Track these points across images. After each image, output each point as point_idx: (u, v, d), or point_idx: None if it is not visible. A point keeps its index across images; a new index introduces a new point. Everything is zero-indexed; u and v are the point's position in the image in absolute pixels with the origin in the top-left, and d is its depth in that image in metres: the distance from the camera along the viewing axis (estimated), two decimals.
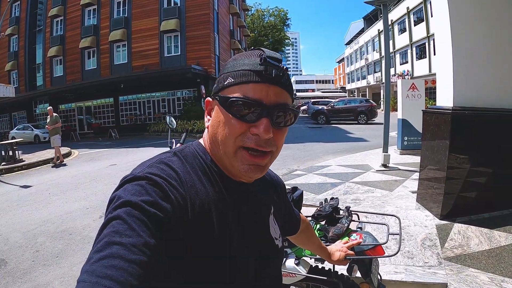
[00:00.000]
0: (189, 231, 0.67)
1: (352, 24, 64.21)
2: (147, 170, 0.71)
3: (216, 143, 0.80)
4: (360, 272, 1.78)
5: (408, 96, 8.90)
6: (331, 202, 2.01)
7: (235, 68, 0.77)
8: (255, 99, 0.73)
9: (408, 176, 6.50)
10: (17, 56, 34.46)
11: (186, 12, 25.67)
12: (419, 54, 32.45)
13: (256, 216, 0.88)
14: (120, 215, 0.60)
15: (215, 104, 0.81)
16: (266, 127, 0.73)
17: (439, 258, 3.26)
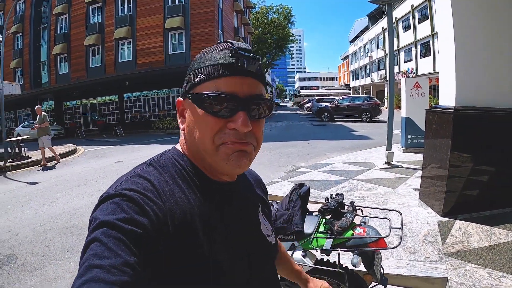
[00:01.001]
0: (171, 242, 0.65)
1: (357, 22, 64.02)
2: (121, 186, 0.69)
3: (194, 144, 0.78)
4: (364, 264, 1.88)
5: (412, 94, 8.94)
6: (336, 197, 2.11)
7: (205, 64, 0.75)
8: (229, 93, 0.71)
9: (411, 174, 6.56)
10: (21, 54, 34.58)
11: (190, 9, 25.69)
12: (424, 52, 32.31)
13: (242, 215, 0.86)
14: (97, 237, 0.59)
15: (187, 104, 0.78)
16: (244, 121, 0.72)
17: (440, 253, 3.34)
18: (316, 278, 1.27)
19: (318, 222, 2.06)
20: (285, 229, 2.04)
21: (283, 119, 31.00)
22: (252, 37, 48.04)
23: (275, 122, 26.63)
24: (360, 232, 1.88)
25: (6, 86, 14.12)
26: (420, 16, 32.45)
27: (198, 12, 25.45)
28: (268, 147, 12.58)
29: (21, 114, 34.52)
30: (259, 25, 51.15)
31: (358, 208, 2.06)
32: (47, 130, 11.95)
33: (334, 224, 1.94)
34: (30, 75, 33.82)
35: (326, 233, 1.96)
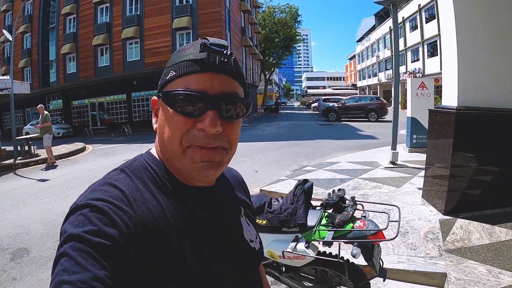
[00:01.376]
0: (143, 251, 0.63)
1: (364, 21, 63.84)
2: (90, 195, 0.66)
3: (164, 145, 0.74)
4: (363, 256, 1.99)
5: (417, 94, 8.98)
6: (338, 192, 2.23)
7: (177, 60, 0.72)
8: (199, 90, 0.67)
9: (415, 173, 6.62)
10: (30, 53, 35.04)
11: (198, 9, 25.91)
12: (431, 51, 32.12)
13: (220, 220, 0.82)
14: (65, 251, 0.57)
15: (159, 103, 0.75)
16: (212, 121, 0.67)
17: (440, 250, 3.43)
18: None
19: (320, 216, 2.18)
20: (289, 221, 2.16)
21: (289, 118, 31.09)
22: (259, 36, 48.15)
23: (282, 122, 26.77)
24: (360, 225, 1.99)
25: (16, 85, 14.34)
26: (427, 15, 32.25)
27: (206, 12, 25.69)
28: (275, 146, 12.71)
29: (30, 112, 34.88)
30: (266, 24, 51.19)
31: (358, 203, 2.17)
32: (48, 129, 11.87)
33: (335, 217, 2.06)
34: (38, 74, 34.25)
35: (328, 226, 2.08)
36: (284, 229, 2.19)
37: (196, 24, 25.93)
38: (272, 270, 2.53)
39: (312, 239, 2.09)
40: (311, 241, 2.12)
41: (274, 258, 2.28)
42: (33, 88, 29.19)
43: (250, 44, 36.86)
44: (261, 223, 2.27)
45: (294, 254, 2.09)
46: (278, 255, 2.20)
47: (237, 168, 4.51)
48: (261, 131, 19.98)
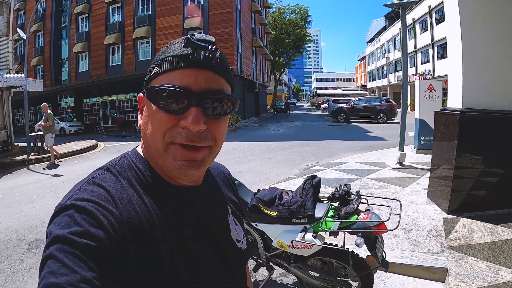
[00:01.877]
0: (130, 251, 0.62)
1: (374, 22, 63.52)
2: (75, 195, 0.65)
3: (148, 142, 0.73)
4: (367, 245, 2.15)
5: (425, 96, 9.06)
6: (344, 187, 2.39)
7: (162, 56, 0.70)
8: (182, 86, 0.66)
9: (422, 174, 6.73)
10: (42, 51, 35.55)
11: (209, 10, 26.09)
12: (441, 53, 31.77)
13: (205, 219, 0.81)
14: (52, 253, 0.57)
15: (144, 99, 0.74)
16: (195, 118, 0.66)
17: (442, 246, 3.56)
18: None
19: (327, 208, 2.34)
20: (299, 213, 2.32)
21: (299, 119, 31.19)
22: (269, 37, 48.16)
23: (292, 122, 26.89)
24: (364, 217, 2.15)
25: (30, 83, 14.60)
26: (438, 17, 31.89)
27: (217, 12, 25.84)
28: (284, 146, 12.86)
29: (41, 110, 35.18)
30: (276, 25, 51.17)
31: (363, 197, 2.33)
32: (50, 128, 11.80)
33: (341, 210, 2.22)
34: (50, 73, 34.71)
35: (334, 217, 2.24)
36: (293, 220, 2.36)
37: (207, 24, 26.12)
38: (281, 261, 2.69)
39: (319, 229, 2.25)
40: (319, 231, 2.28)
41: (284, 248, 2.44)
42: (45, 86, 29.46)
43: (261, 44, 36.94)
44: (272, 215, 2.44)
45: (303, 243, 2.25)
46: (287, 245, 2.36)
47: (247, 166, 4.81)
48: (270, 131, 20.14)
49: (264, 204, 2.52)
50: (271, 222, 2.49)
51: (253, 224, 2.67)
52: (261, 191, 2.70)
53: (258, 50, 38.27)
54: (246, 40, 31.49)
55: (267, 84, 48.81)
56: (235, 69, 26.35)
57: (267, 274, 2.87)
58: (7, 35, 14.98)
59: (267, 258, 2.76)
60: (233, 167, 9.04)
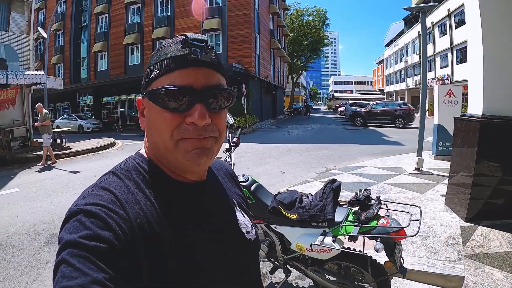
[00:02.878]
0: (140, 251, 0.64)
1: (392, 25, 62.91)
2: (83, 201, 0.67)
3: (155, 143, 0.75)
4: (386, 251, 2.16)
5: (444, 101, 8.94)
6: (364, 192, 2.41)
7: (159, 59, 0.73)
8: (184, 85, 0.69)
9: (440, 180, 6.65)
10: (62, 50, 36.43)
11: (227, 11, 26.27)
12: (460, 58, 31.19)
13: (214, 213, 0.82)
14: (63, 258, 0.58)
15: (146, 102, 0.76)
16: (201, 114, 0.70)
17: (459, 255, 3.53)
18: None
19: (347, 213, 2.36)
20: (319, 216, 2.35)
21: (316, 122, 31.10)
22: (287, 39, 48.13)
23: (309, 125, 26.84)
24: (384, 223, 2.16)
25: (50, 80, 14.92)
26: (457, 20, 31.27)
27: (235, 14, 26.01)
28: (301, 149, 12.87)
29: (60, 107, 36.04)
30: (294, 27, 51.02)
31: (383, 203, 2.35)
32: (48, 128, 11.50)
33: (361, 214, 2.24)
34: (70, 71, 35.52)
35: (354, 222, 2.26)
36: (313, 224, 2.38)
37: (226, 26, 26.30)
38: (298, 264, 2.72)
39: (339, 233, 2.27)
40: (338, 235, 2.30)
41: (302, 251, 2.47)
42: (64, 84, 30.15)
43: (279, 46, 36.95)
44: (292, 217, 2.47)
45: (322, 247, 2.28)
46: (306, 248, 2.39)
47: (264, 168, 4.88)
48: (287, 133, 20.13)
49: (284, 206, 2.55)
50: (291, 225, 2.52)
51: (272, 226, 2.71)
52: (281, 194, 2.73)
53: (276, 52, 38.28)
54: (264, 42, 31.53)
55: (284, 86, 48.77)
56: (253, 70, 26.43)
57: (283, 277, 2.91)
58: (28, 34, 15.32)
59: (284, 261, 2.78)
60: (250, 169, 9.12)
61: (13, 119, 13.94)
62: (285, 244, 2.72)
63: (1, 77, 11.92)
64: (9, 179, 9.47)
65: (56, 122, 26.90)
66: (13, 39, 14.61)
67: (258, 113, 28.76)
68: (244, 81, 23.82)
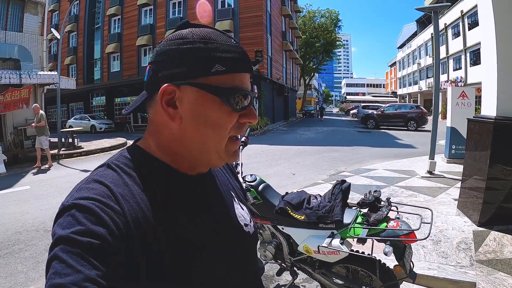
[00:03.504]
0: (135, 246, 0.63)
1: (405, 27, 62.48)
2: (76, 195, 0.66)
3: (196, 137, 0.72)
4: (395, 254, 2.11)
5: (457, 104, 8.81)
6: (374, 193, 2.35)
7: (222, 54, 0.70)
8: (245, 88, 0.72)
9: (452, 184, 6.55)
10: (76, 51, 36.89)
11: (239, 13, 26.34)
12: (474, 60, 30.66)
13: (213, 206, 0.82)
14: (56, 254, 0.57)
15: (190, 93, 0.70)
16: (255, 115, 0.76)
17: (471, 260, 3.45)
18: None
19: (356, 215, 2.31)
20: (327, 218, 2.30)
21: (328, 124, 30.98)
22: (299, 41, 48.06)
23: (321, 127, 26.74)
24: (394, 225, 2.10)
25: (63, 80, 15.13)
26: (470, 22, 30.73)
27: (247, 16, 26.04)
28: (313, 151, 12.83)
29: (73, 107, 36.57)
30: (306, 29, 50.93)
31: (393, 205, 2.29)
32: (44, 130, 11.06)
33: (370, 216, 2.19)
34: (83, 72, 35.90)
35: (363, 224, 2.20)
36: (321, 225, 2.34)
37: (238, 28, 26.35)
38: (305, 266, 2.67)
39: (347, 236, 2.22)
40: (346, 238, 2.24)
41: (309, 253, 2.42)
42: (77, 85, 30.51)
43: (291, 48, 36.89)
44: (299, 218, 2.43)
45: (329, 249, 2.23)
46: (313, 250, 2.35)
47: (275, 170, 4.86)
48: (299, 135, 20.09)
49: (291, 207, 2.51)
50: (298, 226, 2.48)
51: (280, 227, 2.67)
52: (289, 194, 2.69)
53: (288, 54, 38.25)
54: (276, 43, 31.51)
55: (296, 89, 48.62)
56: (265, 72, 26.40)
57: (290, 279, 2.87)
58: (42, 34, 15.57)
59: (292, 263, 2.74)
60: (261, 170, 9.11)
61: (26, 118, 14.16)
62: (292, 245, 2.68)
63: (14, 77, 12.13)
64: (21, 176, 9.65)
65: (69, 122, 27.42)
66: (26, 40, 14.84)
67: (270, 115, 28.74)
68: (256, 83, 23.86)
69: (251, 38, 25.69)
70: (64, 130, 15.61)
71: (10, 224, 5.43)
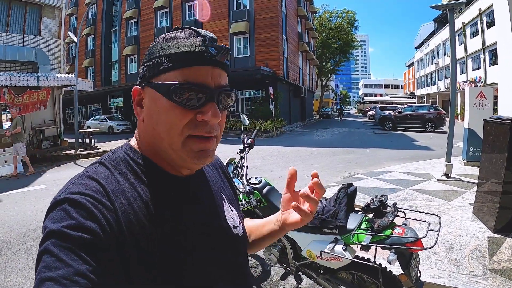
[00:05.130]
0: (125, 243, 0.63)
1: (422, 26, 61.54)
2: (68, 190, 0.65)
3: (156, 137, 0.73)
4: (400, 263, 2.02)
5: (475, 104, 8.54)
6: (380, 198, 2.26)
7: (170, 51, 0.70)
8: (199, 83, 0.69)
9: (469, 188, 6.36)
10: (93, 54, 37.65)
11: (255, 15, 26.32)
12: (492, 59, 29.75)
13: (201, 207, 0.81)
14: (47, 248, 0.57)
15: (148, 93, 0.73)
16: (215, 112, 0.70)
17: (484, 269, 3.30)
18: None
19: (361, 220, 2.23)
20: (330, 223, 2.23)
21: (345, 125, 30.73)
22: (316, 42, 47.79)
23: (337, 129, 26.51)
24: (399, 232, 2.01)
25: (80, 82, 15.45)
26: (488, 20, 29.82)
27: (263, 17, 26.00)
28: (328, 153, 12.72)
29: (92, 108, 37.24)
30: (322, 30, 50.56)
31: (400, 210, 2.20)
32: (20, 137, 10.31)
33: (374, 222, 2.10)
34: (101, 74, 36.70)
35: (367, 230, 2.12)
36: (324, 230, 2.26)
37: (253, 29, 26.35)
38: (310, 271, 2.60)
39: (350, 242, 2.14)
40: (350, 244, 2.17)
41: (312, 258, 2.36)
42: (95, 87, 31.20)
43: (307, 49, 36.67)
44: None
45: (331, 255, 2.15)
46: (316, 255, 2.28)
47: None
48: (315, 137, 19.94)
49: None
50: (301, 230, 2.41)
51: None
52: None
53: (305, 55, 38.07)
54: (292, 44, 31.39)
55: (313, 90, 48.34)
56: (281, 73, 26.32)
57: (295, 284, 2.80)
58: (59, 38, 15.93)
59: (296, 267, 2.68)
60: (274, 172, 9.06)
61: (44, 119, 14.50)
62: (297, 249, 2.62)
63: (32, 79, 12.43)
64: (38, 176, 9.88)
65: (87, 123, 28.03)
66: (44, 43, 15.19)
67: (287, 116, 28.63)
68: (272, 84, 23.78)
69: (267, 39, 25.68)
70: (82, 131, 15.88)
71: (24, 222, 5.56)
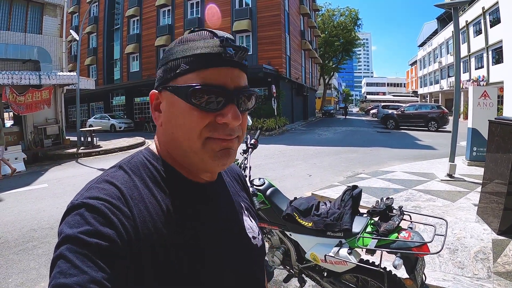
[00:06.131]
0: (142, 250, 0.62)
1: (425, 25, 61.23)
2: (86, 194, 0.65)
3: (175, 141, 0.72)
4: (406, 267, 2.00)
5: (479, 104, 8.47)
6: (386, 201, 2.23)
7: (187, 53, 0.69)
8: (218, 85, 0.67)
9: (473, 188, 6.31)
10: (95, 52, 37.70)
11: (257, 13, 26.25)
12: (496, 58, 29.47)
13: (221, 216, 0.80)
14: (62, 253, 0.56)
15: (165, 97, 0.72)
16: (236, 114, 0.68)
17: (489, 271, 3.26)
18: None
19: (366, 223, 2.19)
20: (335, 226, 2.20)
21: (347, 124, 30.69)
22: (318, 40, 47.69)
23: (340, 127, 26.46)
24: (405, 236, 1.98)
25: (82, 81, 15.44)
26: (492, 19, 29.54)
27: (265, 15, 25.93)
28: (330, 152, 12.68)
29: (94, 107, 37.29)
30: (325, 28, 50.46)
31: (406, 214, 2.17)
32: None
33: (380, 226, 2.07)
34: (103, 72, 36.69)
35: (372, 234, 2.09)
36: (328, 233, 2.24)
37: (256, 27, 26.30)
38: (313, 274, 2.58)
39: (355, 245, 2.11)
40: (355, 247, 2.14)
41: (316, 261, 2.33)
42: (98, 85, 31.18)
43: (310, 47, 36.58)
44: (307, 225, 2.34)
45: (336, 259, 2.13)
46: (320, 259, 2.26)
47: (291, 171, 4.80)
48: (317, 136, 19.91)
49: (299, 213, 2.42)
50: (306, 233, 2.39)
51: (287, 233, 2.59)
52: (298, 200, 2.61)
53: (307, 53, 37.99)
54: (294, 43, 31.33)
55: (316, 88, 48.24)
56: (284, 72, 26.27)
57: (298, 286, 2.78)
58: (61, 36, 15.96)
59: (300, 270, 2.66)
60: (277, 171, 9.05)
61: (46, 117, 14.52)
62: (300, 252, 2.60)
63: (34, 78, 12.44)
64: (40, 175, 9.87)
65: (89, 121, 28.05)
66: (46, 42, 15.21)
67: (289, 114, 28.57)
68: (274, 82, 23.72)
69: (269, 37, 25.63)
70: (84, 129, 15.89)
71: (26, 222, 5.54)
